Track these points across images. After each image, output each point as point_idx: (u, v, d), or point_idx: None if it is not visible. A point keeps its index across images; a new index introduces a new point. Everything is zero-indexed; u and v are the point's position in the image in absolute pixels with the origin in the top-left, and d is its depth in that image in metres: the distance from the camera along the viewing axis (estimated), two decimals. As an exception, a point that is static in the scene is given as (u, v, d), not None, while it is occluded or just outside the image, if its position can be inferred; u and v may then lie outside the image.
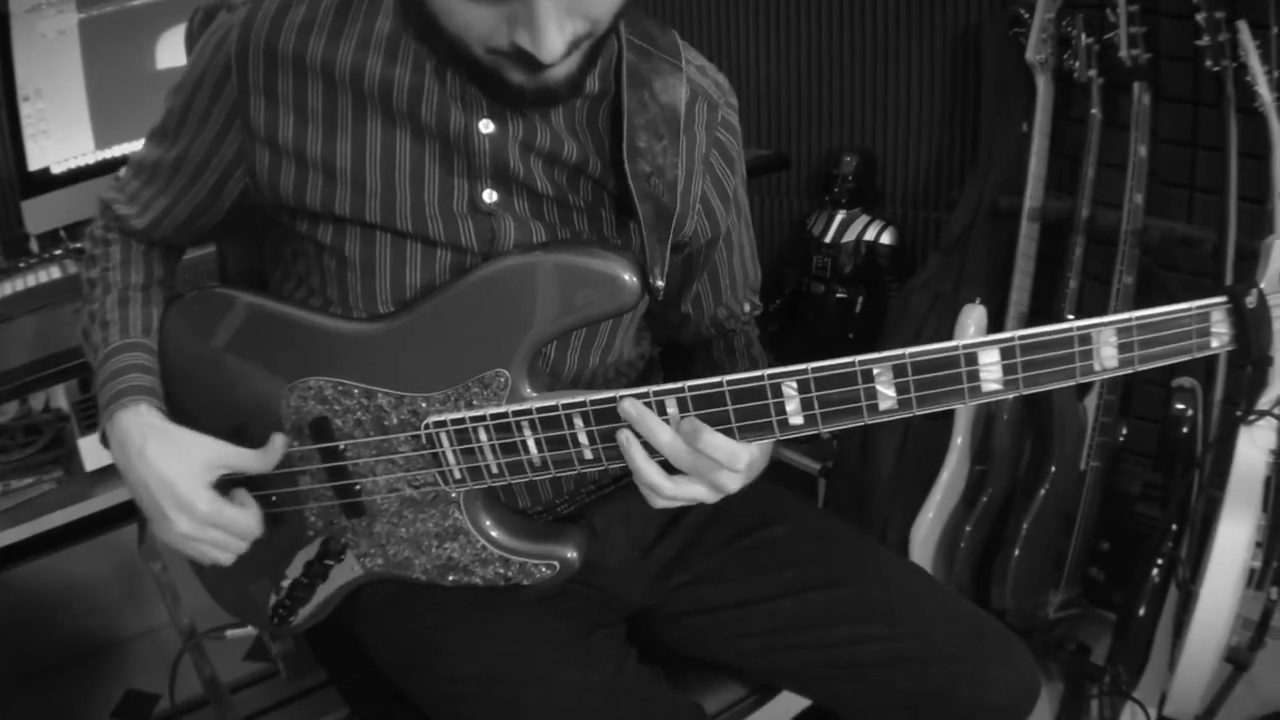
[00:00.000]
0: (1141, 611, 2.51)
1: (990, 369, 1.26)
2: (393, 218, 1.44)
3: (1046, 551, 2.72)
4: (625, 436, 1.38)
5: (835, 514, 2.47)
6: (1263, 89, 2.30)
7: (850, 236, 3.31)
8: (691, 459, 1.37)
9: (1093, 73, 2.66)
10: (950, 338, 1.27)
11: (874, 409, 1.31)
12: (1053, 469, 2.64)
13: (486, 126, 1.42)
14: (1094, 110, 2.67)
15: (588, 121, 1.48)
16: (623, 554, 1.68)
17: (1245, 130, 2.42)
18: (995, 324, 2.73)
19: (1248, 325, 1.23)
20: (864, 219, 3.32)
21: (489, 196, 1.46)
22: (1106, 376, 1.26)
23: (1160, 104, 2.67)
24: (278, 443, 1.52)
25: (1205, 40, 2.38)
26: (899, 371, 1.28)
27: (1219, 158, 2.46)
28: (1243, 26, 2.33)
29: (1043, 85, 2.74)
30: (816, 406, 1.31)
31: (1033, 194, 2.74)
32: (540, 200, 1.49)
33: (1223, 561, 2.32)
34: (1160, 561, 2.49)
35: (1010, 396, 1.28)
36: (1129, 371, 1.26)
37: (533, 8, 1.20)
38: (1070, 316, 2.61)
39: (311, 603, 1.63)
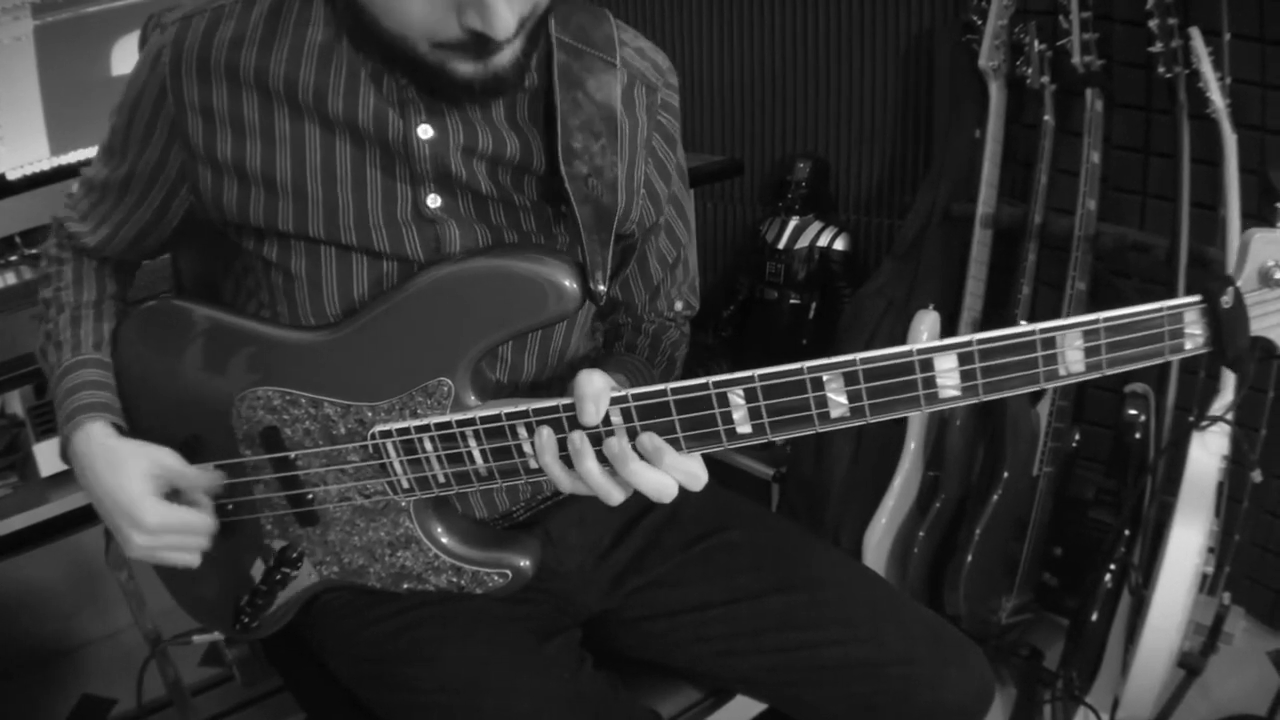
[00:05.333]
0: (1094, 617, 2.52)
1: (947, 375, 1.21)
2: (336, 230, 1.42)
3: (999, 557, 2.72)
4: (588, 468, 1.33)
5: (789, 519, 2.47)
6: (1215, 95, 2.32)
7: (803, 243, 3.31)
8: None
9: (1045, 79, 2.67)
10: (904, 344, 1.24)
11: (825, 417, 1.25)
12: (1005, 474, 2.64)
13: (425, 132, 1.40)
14: (1047, 117, 2.68)
15: (529, 115, 1.46)
16: (579, 559, 1.67)
17: (1197, 136, 2.43)
18: (949, 329, 2.74)
19: (1223, 326, 1.18)
20: (817, 225, 3.32)
21: (433, 202, 1.44)
22: (1073, 381, 1.21)
23: (1113, 110, 2.68)
24: (216, 475, 1.52)
25: (1158, 46, 2.39)
26: (850, 379, 1.23)
27: (1171, 164, 2.48)
28: (1195, 33, 2.34)
29: (995, 92, 2.75)
30: (765, 415, 1.27)
31: (985, 200, 2.75)
32: (485, 201, 1.47)
33: (1175, 566, 2.33)
34: (1113, 567, 2.50)
35: (970, 403, 1.23)
36: (1096, 376, 1.21)
37: None
38: (1023, 323, 2.61)
39: (271, 609, 1.62)
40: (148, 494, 1.48)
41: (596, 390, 1.28)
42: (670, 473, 1.30)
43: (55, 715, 2.91)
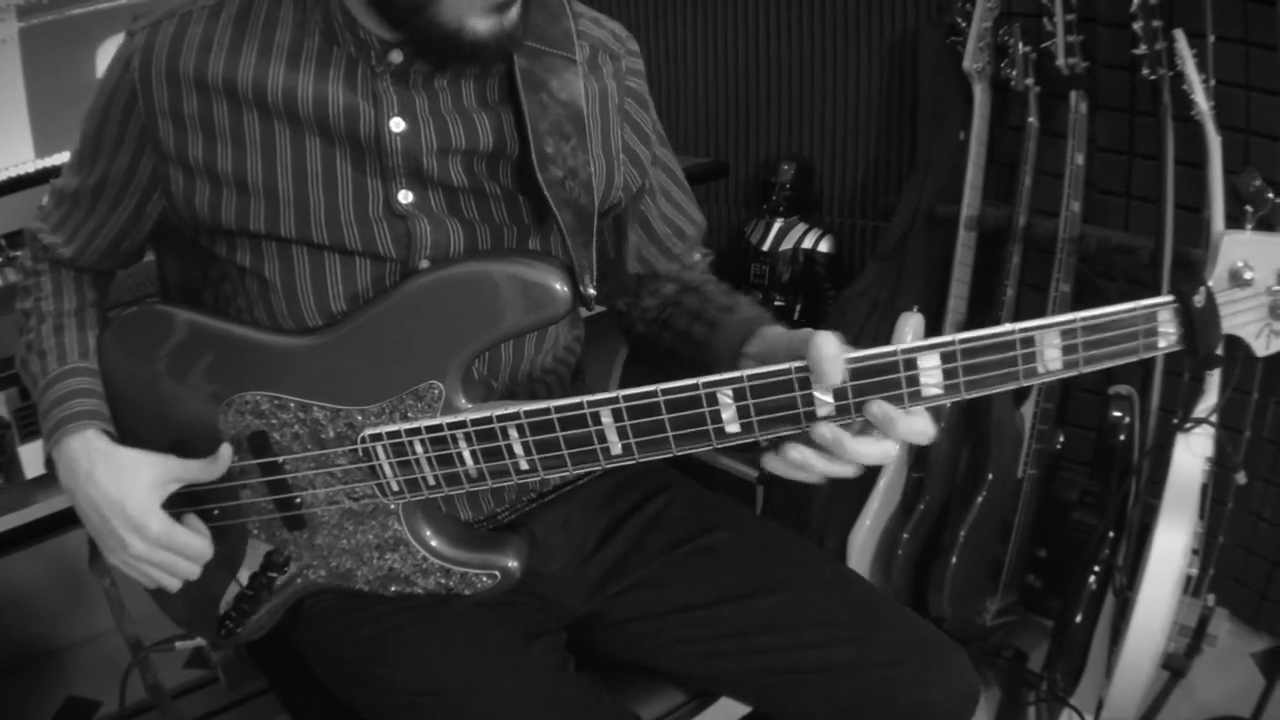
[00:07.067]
0: (1078, 618, 2.52)
1: (930, 373, 1.23)
2: (308, 229, 1.43)
3: (983, 559, 2.72)
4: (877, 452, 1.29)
5: (774, 521, 2.47)
6: (1199, 97, 2.32)
7: (788, 244, 3.31)
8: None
9: (1030, 81, 2.67)
10: (888, 345, 1.25)
11: (811, 416, 1.26)
12: (990, 477, 2.64)
13: (398, 125, 1.41)
14: (1031, 119, 2.68)
15: (499, 97, 1.47)
16: (563, 561, 1.67)
17: (1181, 138, 2.43)
18: (933, 331, 2.68)
19: (1196, 325, 1.20)
20: (801, 227, 3.32)
21: (404, 198, 1.44)
22: (1052, 379, 1.23)
23: (1097, 112, 2.68)
24: (224, 453, 1.50)
25: (1142, 49, 2.39)
26: None
27: (1155, 166, 2.48)
28: (1179, 35, 2.34)
29: (980, 94, 2.75)
30: (754, 414, 1.27)
31: (970, 202, 2.75)
32: (456, 194, 1.47)
33: (1159, 568, 2.33)
34: (1097, 569, 2.50)
35: (952, 400, 1.25)
36: (1074, 374, 1.23)
37: None
38: (1007, 325, 2.61)
39: (257, 614, 1.61)
40: (156, 504, 1.49)
41: (835, 352, 1.23)
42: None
43: (40, 717, 2.90)
